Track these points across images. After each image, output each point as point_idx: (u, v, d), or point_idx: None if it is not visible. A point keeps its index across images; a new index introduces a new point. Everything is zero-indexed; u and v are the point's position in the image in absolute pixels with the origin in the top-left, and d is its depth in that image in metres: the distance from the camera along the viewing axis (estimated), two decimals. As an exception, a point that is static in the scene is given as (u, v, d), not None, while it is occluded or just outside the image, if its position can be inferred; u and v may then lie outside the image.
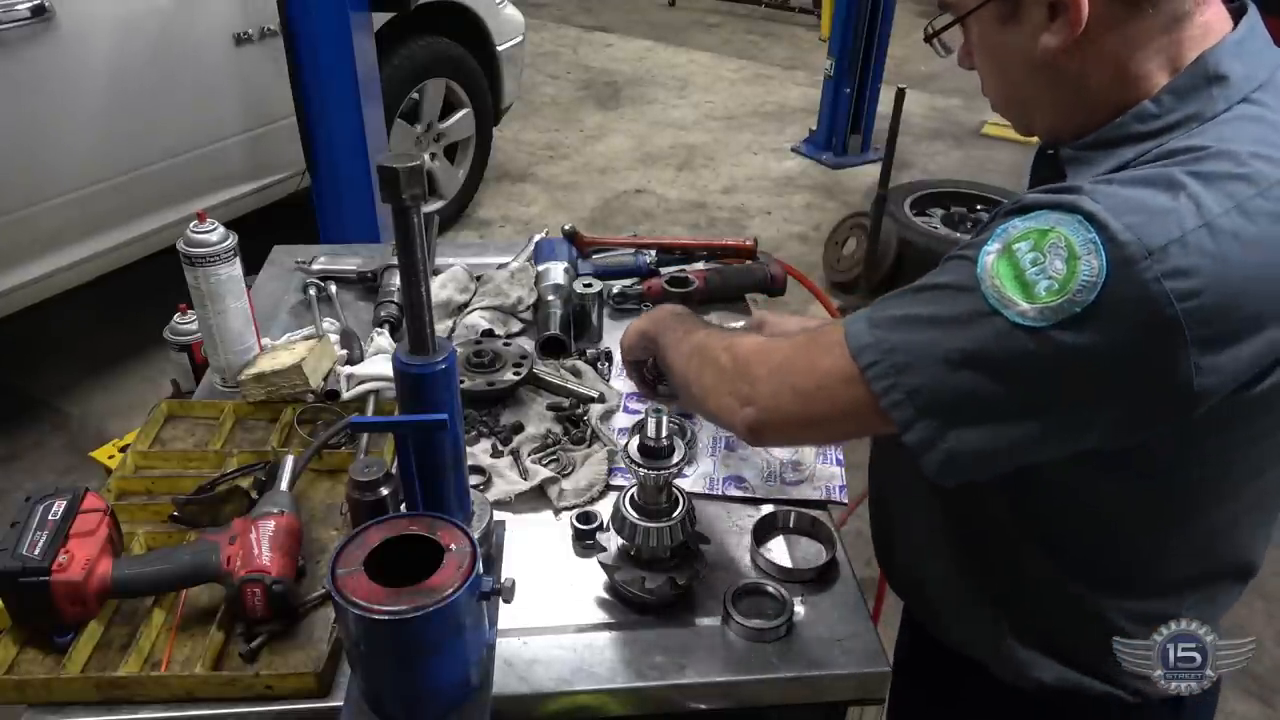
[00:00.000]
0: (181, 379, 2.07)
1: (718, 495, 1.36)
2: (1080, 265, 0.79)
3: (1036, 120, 1.00)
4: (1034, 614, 1.07)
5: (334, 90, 2.79)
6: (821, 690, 1.13)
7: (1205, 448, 0.90)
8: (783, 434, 1.08)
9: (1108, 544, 1.00)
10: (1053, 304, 0.79)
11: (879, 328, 0.91)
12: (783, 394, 1.00)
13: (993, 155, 5.62)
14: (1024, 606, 1.07)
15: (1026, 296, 0.81)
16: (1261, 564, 1.07)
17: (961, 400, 0.86)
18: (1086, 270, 0.78)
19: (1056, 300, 0.79)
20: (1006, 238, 0.84)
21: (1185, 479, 0.93)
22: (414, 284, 0.94)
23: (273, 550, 1.10)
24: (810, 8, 8.17)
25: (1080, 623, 1.04)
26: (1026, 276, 0.81)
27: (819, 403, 0.97)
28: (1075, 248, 0.79)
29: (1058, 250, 0.80)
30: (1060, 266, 0.80)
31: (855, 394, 0.92)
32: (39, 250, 2.88)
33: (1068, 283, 0.79)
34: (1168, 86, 0.88)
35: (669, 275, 1.78)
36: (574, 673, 1.10)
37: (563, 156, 5.51)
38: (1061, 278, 0.79)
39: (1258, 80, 0.88)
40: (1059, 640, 1.06)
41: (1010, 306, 0.82)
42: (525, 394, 1.54)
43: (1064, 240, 0.80)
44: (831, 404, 0.96)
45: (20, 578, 1.04)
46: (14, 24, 2.62)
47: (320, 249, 1.93)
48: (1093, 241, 0.78)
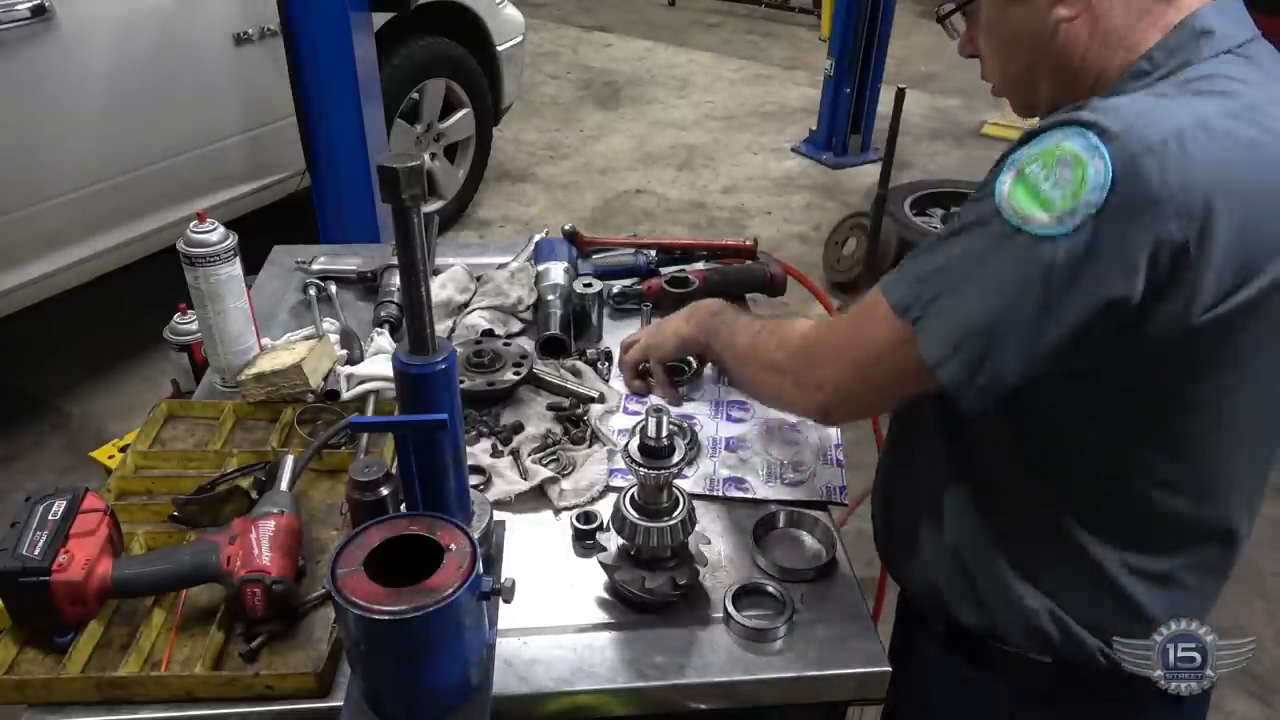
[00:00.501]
0: (181, 379, 2.07)
1: (718, 496, 1.36)
2: (1088, 170, 0.84)
3: (1041, 96, 1.05)
4: (1044, 575, 1.08)
5: (334, 90, 2.79)
6: (821, 690, 1.13)
7: (1201, 387, 0.95)
8: (855, 411, 1.15)
9: (1111, 491, 1.03)
10: (1069, 209, 0.85)
11: (916, 283, 0.96)
12: (846, 375, 1.05)
13: (993, 155, 5.45)
14: (1036, 566, 1.08)
15: (1044, 208, 0.86)
16: (1247, 535, 1.09)
17: (999, 326, 0.90)
18: (1094, 173, 0.84)
19: (1071, 204, 0.84)
20: (1018, 165, 0.89)
21: (1184, 425, 0.98)
22: (414, 284, 0.94)
23: (273, 550, 1.10)
24: (810, 8, 8.16)
25: (1083, 575, 1.06)
26: (1041, 191, 0.86)
27: (881, 373, 1.02)
28: (1081, 155, 0.84)
29: (1065, 162, 0.85)
30: (1069, 175, 0.85)
31: (910, 354, 0.96)
32: (39, 250, 2.88)
33: (1079, 188, 0.84)
34: (1158, 44, 0.95)
35: (669, 275, 1.78)
36: (574, 673, 1.10)
37: (563, 156, 5.52)
38: (1073, 184, 0.84)
39: (1242, 37, 0.94)
40: (1065, 597, 1.08)
41: (1031, 222, 0.87)
42: (525, 394, 1.54)
43: (1069, 152, 0.85)
44: (892, 370, 1.00)
45: (20, 578, 1.04)
46: (14, 24, 2.62)
47: (320, 249, 1.93)
48: (1095, 146, 0.84)
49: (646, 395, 1.53)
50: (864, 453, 1.76)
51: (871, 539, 1.32)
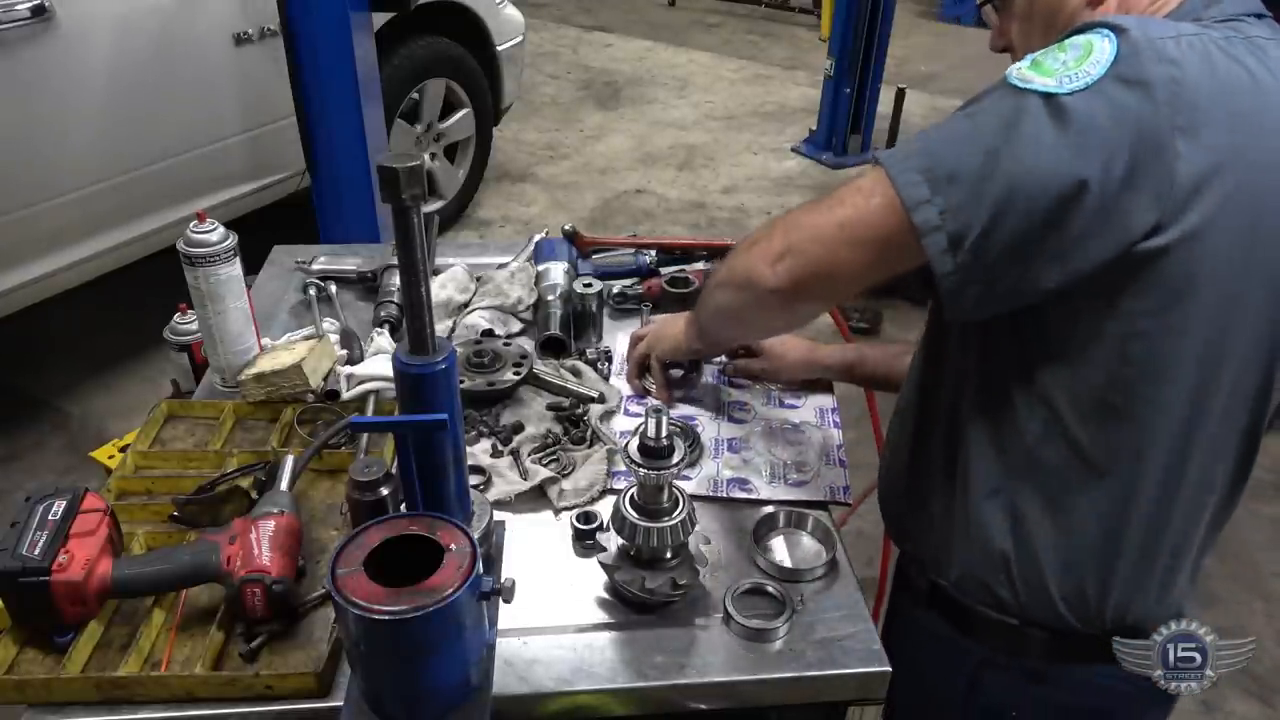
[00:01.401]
0: (181, 379, 2.06)
1: (721, 497, 1.36)
2: (1095, 47, 0.91)
3: None
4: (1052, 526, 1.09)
5: (334, 90, 2.79)
6: (821, 690, 1.13)
7: (1133, 318, 0.96)
8: (818, 279, 1.07)
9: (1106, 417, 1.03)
10: (1070, 72, 0.90)
11: (915, 153, 0.97)
12: (823, 233, 1.05)
13: (993, 155, 5.61)
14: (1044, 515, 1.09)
15: (1047, 74, 0.92)
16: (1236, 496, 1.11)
17: (978, 173, 0.92)
18: (1099, 50, 0.90)
19: (1074, 69, 0.90)
20: (1034, 56, 0.95)
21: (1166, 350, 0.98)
22: (414, 284, 0.94)
23: (273, 550, 1.10)
24: (810, 8, 8.16)
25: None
26: (1047, 63, 0.93)
27: (860, 235, 1.02)
28: (1091, 42, 0.92)
29: (1076, 46, 0.92)
30: (1078, 52, 0.92)
31: (895, 209, 0.97)
32: (39, 250, 2.88)
33: (1083, 59, 0.91)
34: (1173, 11, 1.00)
35: (669, 275, 1.78)
36: (574, 673, 1.10)
37: (563, 156, 5.51)
38: (1078, 56, 0.91)
39: (1254, 8, 1.01)
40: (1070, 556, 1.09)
41: (1033, 81, 0.92)
42: (525, 394, 1.54)
43: (1081, 40, 0.92)
44: (872, 233, 1.00)
45: (20, 578, 1.04)
46: (14, 24, 2.62)
47: (320, 249, 1.93)
48: (1105, 35, 0.91)
49: (644, 396, 1.54)
50: (865, 453, 1.76)
51: (871, 539, 1.32)
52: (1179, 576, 1.11)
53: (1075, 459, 1.04)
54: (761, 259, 1.09)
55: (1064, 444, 1.04)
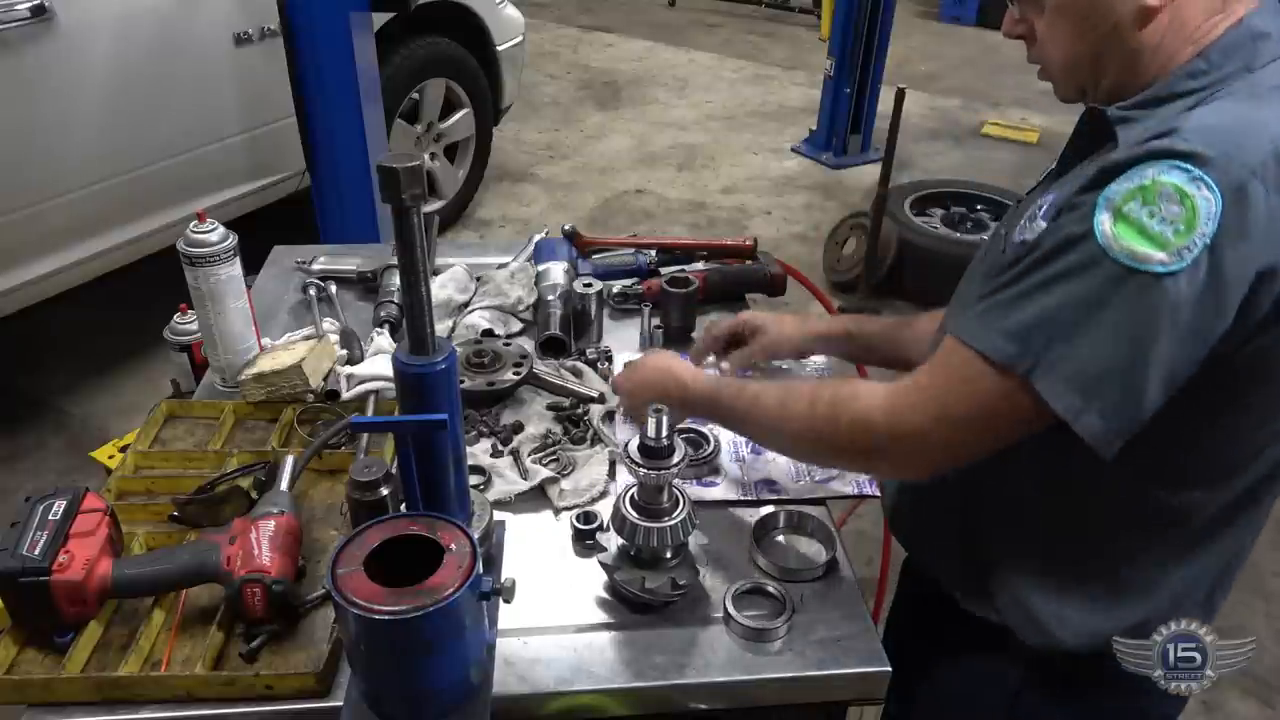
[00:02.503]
0: (181, 379, 2.06)
1: (753, 500, 1.35)
2: (1196, 201, 0.84)
3: (1103, 80, 1.02)
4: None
5: (334, 90, 2.78)
6: (821, 690, 1.13)
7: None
8: (963, 462, 1.05)
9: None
10: (1185, 243, 0.84)
11: (1018, 333, 0.92)
12: (954, 437, 0.99)
13: (993, 155, 5.62)
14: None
15: (1160, 246, 0.85)
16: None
17: (1133, 368, 0.88)
18: (1204, 204, 0.83)
19: (1187, 238, 0.84)
20: (1113, 203, 0.87)
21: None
22: (414, 284, 0.94)
23: (273, 550, 1.10)
24: (810, 8, 8.17)
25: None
26: (1151, 229, 0.85)
27: (993, 427, 0.98)
28: (1183, 188, 0.84)
29: (1168, 196, 0.84)
30: (1177, 209, 0.84)
31: (1023, 403, 0.93)
32: (39, 250, 2.87)
33: (1191, 220, 0.84)
34: (1216, 44, 0.94)
35: (669, 275, 1.78)
36: (574, 673, 1.10)
37: (563, 156, 5.51)
38: (1184, 218, 0.84)
39: None
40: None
41: (1149, 260, 0.85)
42: (525, 394, 1.54)
43: (1170, 186, 0.84)
44: (1007, 423, 0.96)
45: (20, 578, 1.04)
46: (14, 24, 2.61)
47: (320, 249, 1.93)
48: (1198, 178, 0.84)
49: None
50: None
51: (872, 539, 1.32)
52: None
53: (1161, 517, 1.04)
54: (892, 474, 1.08)
55: (1148, 503, 1.03)
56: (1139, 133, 0.93)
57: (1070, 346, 0.89)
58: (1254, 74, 0.93)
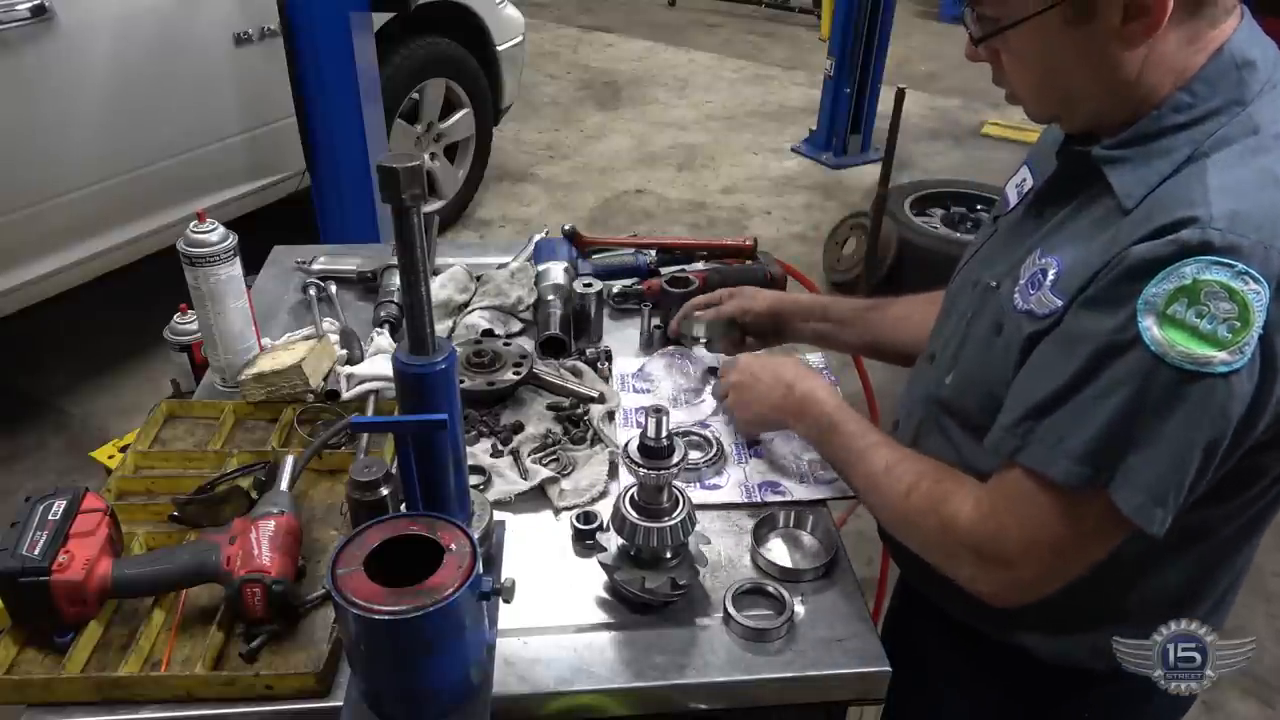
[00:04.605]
0: (181, 379, 2.06)
1: (757, 502, 1.35)
2: (1246, 296, 0.83)
3: (1078, 115, 1.00)
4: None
5: (334, 90, 2.79)
6: (821, 690, 1.13)
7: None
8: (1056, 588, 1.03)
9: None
10: (1243, 340, 0.83)
11: (1087, 453, 0.91)
12: (1045, 565, 0.99)
13: (993, 155, 5.62)
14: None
15: (1217, 346, 0.84)
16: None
17: (1202, 462, 0.89)
18: (1254, 297, 0.83)
19: (1245, 334, 0.83)
20: (1155, 308, 0.85)
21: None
22: (414, 284, 0.94)
23: (273, 550, 1.10)
24: (810, 8, 8.17)
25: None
26: (1203, 330, 0.84)
27: (1084, 547, 0.97)
28: (1229, 284, 0.83)
29: (1215, 294, 0.83)
30: (1228, 306, 0.83)
31: (1102, 514, 0.92)
32: (39, 250, 2.88)
33: (1246, 316, 0.83)
34: (1199, 75, 0.92)
35: (669, 275, 1.78)
36: (574, 673, 1.10)
37: (563, 156, 5.52)
38: (1236, 314, 0.83)
39: (1274, 62, 0.94)
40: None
41: (1210, 363, 0.84)
42: (525, 394, 1.54)
43: (1215, 285, 0.83)
44: (1094, 538, 0.96)
45: (20, 578, 1.04)
46: (14, 24, 2.62)
47: (320, 249, 1.93)
48: (1242, 272, 0.83)
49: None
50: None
51: (871, 539, 1.32)
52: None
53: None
54: (988, 597, 1.04)
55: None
56: (1134, 182, 0.92)
57: (1141, 457, 0.88)
58: (1248, 108, 0.91)
